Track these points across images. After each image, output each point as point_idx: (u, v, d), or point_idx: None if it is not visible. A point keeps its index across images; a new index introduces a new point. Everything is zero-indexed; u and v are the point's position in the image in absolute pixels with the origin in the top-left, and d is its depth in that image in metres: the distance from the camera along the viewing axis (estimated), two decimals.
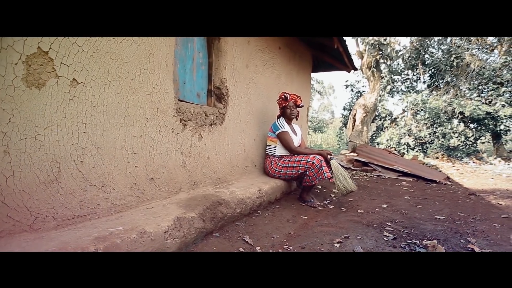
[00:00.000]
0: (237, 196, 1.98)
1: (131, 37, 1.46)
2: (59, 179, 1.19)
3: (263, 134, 2.96)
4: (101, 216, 1.35)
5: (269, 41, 2.98)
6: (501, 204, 2.79)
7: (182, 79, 2.00)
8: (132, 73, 1.49)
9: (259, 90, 2.87)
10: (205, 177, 2.11)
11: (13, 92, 1.04)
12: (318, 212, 2.34)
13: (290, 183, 2.80)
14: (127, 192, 1.50)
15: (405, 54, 9.69)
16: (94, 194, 1.33)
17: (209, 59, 2.28)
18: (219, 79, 2.29)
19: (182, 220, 1.43)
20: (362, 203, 2.66)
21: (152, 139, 1.64)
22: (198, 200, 1.71)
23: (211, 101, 2.29)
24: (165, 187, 1.75)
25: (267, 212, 2.20)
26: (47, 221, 1.15)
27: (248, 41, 2.60)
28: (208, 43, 2.27)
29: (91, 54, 1.28)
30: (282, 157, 2.64)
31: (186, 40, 2.02)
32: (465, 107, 6.90)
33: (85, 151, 1.29)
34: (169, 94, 1.74)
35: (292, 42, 3.53)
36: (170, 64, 1.74)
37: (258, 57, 2.81)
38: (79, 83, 1.25)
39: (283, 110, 2.72)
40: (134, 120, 1.52)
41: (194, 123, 1.96)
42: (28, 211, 1.10)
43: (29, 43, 1.07)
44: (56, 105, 1.17)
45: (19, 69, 1.05)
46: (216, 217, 1.68)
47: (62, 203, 1.20)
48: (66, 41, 1.18)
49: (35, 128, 1.11)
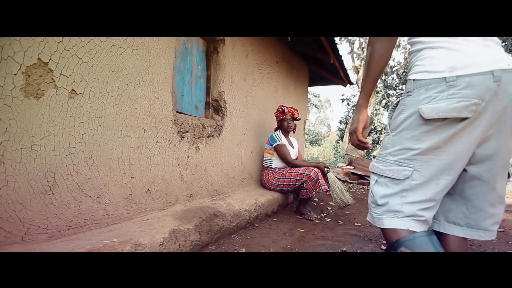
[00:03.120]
0: (233, 208, 1.96)
1: (131, 49, 1.48)
2: (53, 190, 1.18)
3: (260, 147, 2.97)
4: (95, 228, 1.33)
5: (267, 55, 3.04)
6: None
7: (180, 91, 2.02)
8: (131, 84, 1.50)
9: (257, 103, 2.90)
10: (201, 189, 2.10)
11: (11, 102, 1.04)
12: (315, 225, 2.32)
13: (287, 196, 2.79)
14: (123, 204, 1.48)
15: (399, 69, 9.92)
16: (89, 205, 1.31)
17: (207, 72, 2.31)
18: (217, 92, 2.32)
19: (178, 232, 1.41)
20: (359, 216, 2.64)
21: (149, 150, 1.64)
22: (194, 212, 1.69)
23: (209, 113, 2.31)
24: (161, 199, 1.73)
25: (263, 225, 2.18)
26: (39, 233, 1.13)
27: (246, 55, 2.65)
28: (207, 56, 2.31)
29: (90, 66, 1.29)
30: (279, 170, 2.64)
31: (185, 53, 2.06)
32: None
33: (82, 161, 1.28)
34: (167, 106, 1.75)
35: (289, 56, 3.60)
36: (169, 76, 1.76)
37: (256, 70, 2.86)
38: (78, 94, 1.25)
39: (280, 123, 2.74)
40: (132, 131, 1.52)
41: (191, 134, 1.97)
42: (21, 222, 1.08)
43: (30, 54, 1.08)
44: (54, 115, 1.17)
45: (18, 79, 1.06)
46: (212, 230, 1.66)
47: (55, 214, 1.18)
48: (66, 52, 1.19)
49: (32, 138, 1.11)
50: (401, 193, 0.81)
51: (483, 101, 0.73)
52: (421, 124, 0.78)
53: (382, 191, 0.85)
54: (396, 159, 0.83)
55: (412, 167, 0.80)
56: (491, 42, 0.79)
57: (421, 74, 0.79)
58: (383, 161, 0.87)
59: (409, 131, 0.81)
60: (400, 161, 0.82)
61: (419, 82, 0.79)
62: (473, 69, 0.73)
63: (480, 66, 0.73)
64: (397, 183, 0.82)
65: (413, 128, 0.80)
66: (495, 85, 0.73)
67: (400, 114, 0.83)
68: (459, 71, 0.74)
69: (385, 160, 0.86)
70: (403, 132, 0.82)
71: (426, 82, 0.77)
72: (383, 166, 0.86)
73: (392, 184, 0.83)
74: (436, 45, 0.79)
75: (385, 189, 0.84)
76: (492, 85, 0.72)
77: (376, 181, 0.88)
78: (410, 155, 0.80)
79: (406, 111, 0.81)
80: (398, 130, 0.84)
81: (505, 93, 0.74)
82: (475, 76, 0.73)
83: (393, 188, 0.83)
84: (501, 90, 0.73)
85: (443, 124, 0.76)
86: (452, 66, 0.74)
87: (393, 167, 0.83)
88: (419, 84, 0.79)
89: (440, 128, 0.76)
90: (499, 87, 0.73)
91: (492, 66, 0.73)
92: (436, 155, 0.78)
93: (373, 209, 0.88)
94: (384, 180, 0.85)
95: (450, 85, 0.74)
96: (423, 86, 0.78)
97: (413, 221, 0.80)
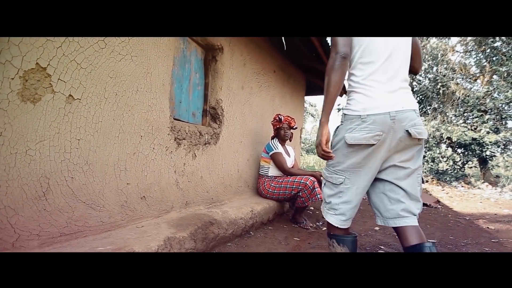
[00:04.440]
0: (229, 216, 1.94)
1: (130, 56, 1.49)
2: (47, 195, 1.16)
3: (257, 155, 2.97)
4: (88, 235, 1.30)
5: (264, 64, 3.08)
6: (491, 228, 2.81)
7: (178, 98, 2.02)
8: (129, 91, 1.50)
9: (254, 111, 2.92)
10: (197, 196, 2.08)
11: (7, 106, 1.03)
12: (311, 234, 2.31)
13: (283, 204, 2.78)
14: (117, 210, 1.46)
15: None
16: (83, 211, 1.29)
17: (205, 79, 2.32)
18: (214, 100, 2.33)
19: (173, 240, 1.39)
20: (355, 225, 2.64)
21: (146, 157, 1.63)
22: (189, 220, 1.68)
23: (206, 121, 2.31)
24: (156, 206, 1.71)
25: (259, 233, 2.16)
26: (31, 239, 1.11)
27: (244, 64, 2.68)
28: (205, 65, 2.33)
29: (89, 72, 1.29)
30: (275, 178, 2.64)
31: (184, 61, 2.07)
32: (452, 132, 7.11)
33: (77, 167, 1.27)
34: (164, 113, 1.75)
35: (286, 66, 3.65)
36: (167, 83, 1.76)
37: (254, 79, 2.88)
38: (75, 99, 1.25)
39: (277, 131, 2.75)
40: (128, 137, 1.52)
41: (188, 142, 1.96)
42: (12, 228, 1.05)
43: (28, 58, 1.08)
44: (50, 120, 1.17)
45: (16, 83, 1.05)
46: (207, 238, 1.64)
47: (48, 220, 1.16)
48: (65, 58, 1.20)
49: (27, 143, 1.10)
50: (338, 194, 1.15)
51: (383, 133, 1.06)
52: (347, 146, 1.10)
53: (327, 192, 1.20)
54: (334, 169, 1.16)
55: (344, 176, 1.13)
56: (397, 87, 1.09)
57: (348, 111, 1.12)
58: (327, 170, 1.19)
59: (340, 150, 1.13)
60: (337, 171, 1.15)
61: (346, 116, 1.12)
62: (377, 110, 1.05)
63: (381, 109, 1.05)
64: (336, 186, 1.16)
65: (343, 149, 1.12)
66: (391, 122, 1.05)
67: (336, 137, 1.16)
68: (368, 112, 1.06)
69: (328, 169, 1.19)
70: (338, 150, 1.14)
71: (350, 117, 1.10)
72: (327, 173, 1.19)
73: (333, 187, 1.17)
74: (358, 91, 1.10)
75: (329, 190, 1.19)
76: (389, 122, 1.05)
77: (325, 183, 1.22)
78: (343, 167, 1.13)
79: (339, 135, 1.14)
80: (335, 148, 1.15)
81: (399, 127, 1.06)
82: (378, 116, 1.05)
83: (334, 190, 1.17)
84: (396, 125, 1.06)
85: (360, 147, 1.08)
86: (364, 108, 1.07)
87: (333, 175, 1.16)
88: (346, 117, 1.12)
89: (359, 150, 1.09)
90: (395, 123, 1.05)
91: (390, 109, 1.05)
92: (359, 168, 1.11)
93: (323, 204, 1.23)
94: (328, 183, 1.19)
95: (363, 121, 1.07)
96: (349, 120, 1.11)
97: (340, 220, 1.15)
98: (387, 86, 1.07)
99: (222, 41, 2.31)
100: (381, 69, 1.08)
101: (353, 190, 1.13)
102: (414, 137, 1.07)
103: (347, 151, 1.10)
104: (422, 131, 1.09)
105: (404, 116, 1.06)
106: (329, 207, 1.18)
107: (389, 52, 1.09)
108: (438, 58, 8.47)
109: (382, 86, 1.07)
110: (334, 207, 1.16)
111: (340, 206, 1.14)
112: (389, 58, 1.09)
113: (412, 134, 1.06)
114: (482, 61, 8.09)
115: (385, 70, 1.08)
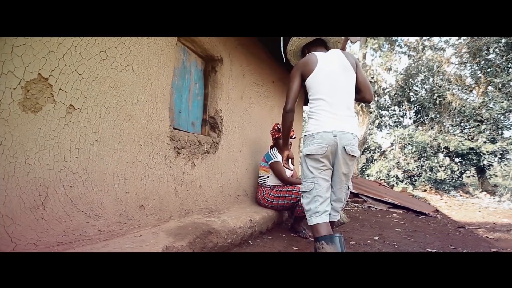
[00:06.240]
0: (228, 225, 1.93)
1: (131, 67, 1.51)
2: (45, 204, 1.16)
3: (256, 164, 2.98)
4: (86, 244, 1.29)
5: (263, 75, 3.12)
6: (490, 237, 2.80)
7: (178, 108, 2.04)
8: (129, 101, 1.52)
9: (253, 121, 2.94)
10: (196, 206, 2.08)
11: (8, 115, 1.04)
12: (310, 243, 2.29)
13: (282, 213, 2.76)
14: (116, 219, 1.45)
15: (391, 91, 10.18)
16: (81, 220, 1.28)
17: (205, 90, 2.35)
18: (214, 109, 2.35)
19: (171, 249, 1.38)
20: (354, 235, 2.62)
21: (145, 166, 1.63)
22: (188, 229, 1.67)
23: (205, 130, 2.33)
24: (155, 215, 1.70)
25: (258, 243, 2.15)
26: (27, 249, 1.10)
27: (243, 74, 2.72)
28: (205, 75, 2.36)
29: (90, 82, 1.31)
30: (274, 187, 2.64)
31: (184, 72, 2.10)
32: (449, 142, 7.16)
33: (76, 176, 1.27)
34: (164, 122, 1.76)
35: (285, 76, 3.70)
36: (167, 93, 1.79)
37: (253, 89, 2.92)
38: (76, 109, 1.26)
39: (276, 141, 2.76)
40: (128, 147, 1.52)
41: (187, 151, 1.97)
42: (9, 237, 1.05)
43: (30, 69, 1.10)
44: (51, 130, 1.17)
45: (17, 93, 1.07)
46: (206, 247, 1.62)
47: (46, 229, 1.15)
48: (67, 68, 1.22)
49: (27, 152, 1.10)
50: (314, 198, 1.45)
51: (329, 146, 1.42)
52: (308, 158, 1.47)
53: (306, 201, 1.50)
54: (305, 179, 1.50)
55: (313, 182, 1.46)
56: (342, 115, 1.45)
57: (306, 132, 1.51)
58: (302, 183, 1.53)
59: (305, 162, 1.49)
60: (307, 180, 1.48)
61: (305, 136, 1.51)
62: (323, 129, 1.43)
63: (326, 128, 1.43)
64: (310, 193, 1.47)
65: (306, 161, 1.49)
66: (334, 138, 1.42)
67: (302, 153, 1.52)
68: (318, 130, 1.44)
69: (302, 182, 1.52)
70: (304, 163, 1.50)
71: (307, 136, 1.49)
72: (302, 186, 1.52)
73: (308, 195, 1.48)
74: (312, 117, 1.49)
75: (306, 199, 1.50)
76: (332, 137, 1.42)
77: (302, 196, 1.53)
78: (311, 176, 1.47)
79: (303, 151, 1.49)
80: (303, 161, 1.50)
81: (340, 143, 1.42)
82: (324, 133, 1.43)
83: (309, 197, 1.47)
84: (337, 141, 1.42)
85: (314, 156, 1.45)
86: (315, 128, 1.46)
87: (305, 184, 1.49)
88: (305, 137, 1.51)
89: (316, 159, 1.45)
90: (337, 139, 1.42)
91: (333, 128, 1.42)
92: (320, 174, 1.46)
93: (307, 215, 1.48)
94: (304, 194, 1.50)
95: (314, 137, 1.45)
96: (306, 138, 1.50)
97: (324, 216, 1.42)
98: (332, 114, 1.45)
99: (222, 52, 2.35)
100: (327, 102, 1.46)
101: (323, 191, 1.45)
102: (349, 153, 1.44)
103: (309, 162, 1.48)
104: (355, 150, 1.45)
105: (343, 136, 1.42)
106: (311, 213, 1.44)
107: (333, 90, 1.47)
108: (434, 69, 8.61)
109: (328, 114, 1.45)
110: (315, 210, 1.43)
111: (319, 208, 1.43)
112: (333, 95, 1.46)
113: (347, 151, 1.43)
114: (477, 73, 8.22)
115: (330, 103, 1.45)
